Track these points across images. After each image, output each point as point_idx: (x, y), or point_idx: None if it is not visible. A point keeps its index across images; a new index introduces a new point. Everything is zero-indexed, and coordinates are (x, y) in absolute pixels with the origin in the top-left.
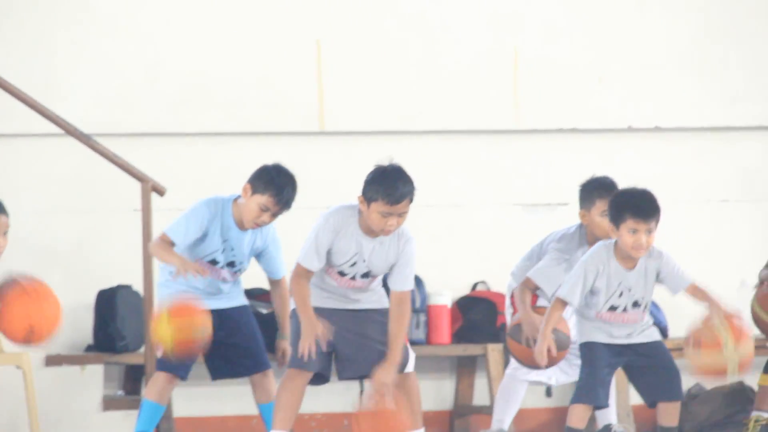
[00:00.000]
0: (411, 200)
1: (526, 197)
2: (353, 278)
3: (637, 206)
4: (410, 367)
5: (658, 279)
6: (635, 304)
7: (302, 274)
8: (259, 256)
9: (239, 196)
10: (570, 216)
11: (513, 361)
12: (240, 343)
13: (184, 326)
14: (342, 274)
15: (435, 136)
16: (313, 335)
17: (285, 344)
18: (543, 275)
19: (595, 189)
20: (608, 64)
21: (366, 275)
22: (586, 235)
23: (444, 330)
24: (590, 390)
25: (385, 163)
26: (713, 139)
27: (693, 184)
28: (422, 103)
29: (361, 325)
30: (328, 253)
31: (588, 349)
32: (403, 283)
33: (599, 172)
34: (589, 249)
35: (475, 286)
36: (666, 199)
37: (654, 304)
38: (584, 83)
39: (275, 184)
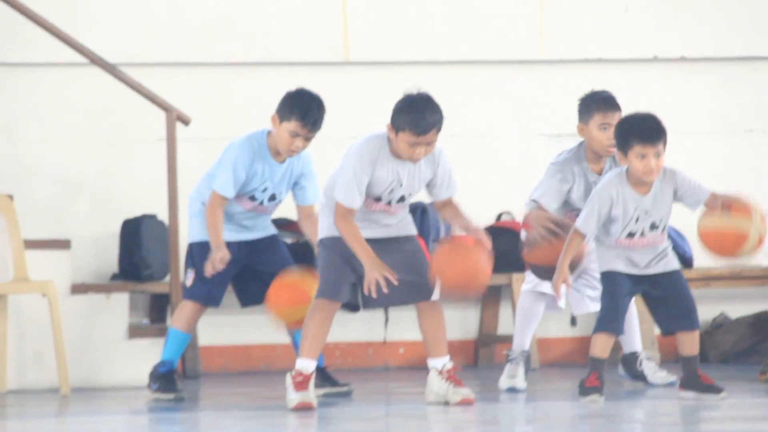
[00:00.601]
0: (439, 130)
1: (551, 127)
2: (389, 203)
3: (642, 130)
4: (436, 296)
5: (676, 198)
6: (653, 227)
7: (346, 213)
8: (294, 184)
9: (271, 129)
10: None
11: (529, 277)
12: (272, 270)
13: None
14: (378, 200)
15: (460, 66)
16: (380, 270)
17: None
18: (540, 192)
19: (593, 102)
20: None
21: (402, 199)
22: (585, 151)
23: None
24: (613, 320)
25: (414, 91)
26: (739, 68)
27: (718, 114)
28: (447, 33)
29: (389, 255)
30: (367, 185)
31: (609, 279)
32: (447, 192)
33: (624, 102)
34: (589, 165)
35: (499, 216)
36: (691, 130)
37: (679, 234)
38: (610, 13)
39: (300, 108)
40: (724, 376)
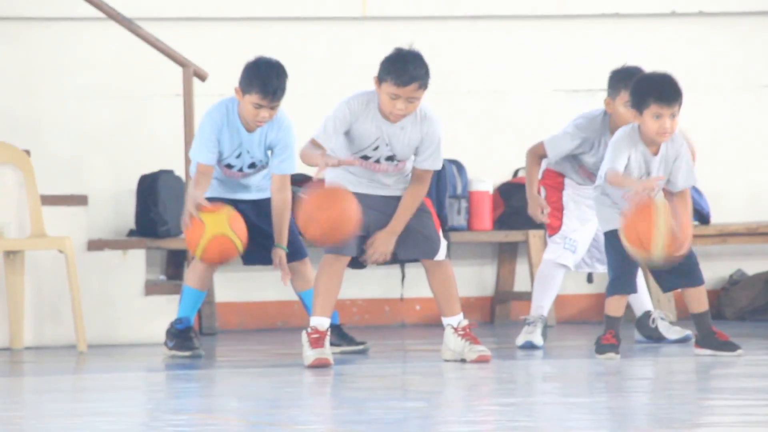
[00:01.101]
0: (422, 86)
1: (568, 83)
2: (378, 161)
3: (660, 90)
4: (442, 255)
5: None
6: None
7: (315, 145)
8: (271, 150)
9: None
10: None
11: (551, 247)
12: (269, 231)
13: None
14: (365, 158)
15: (477, 21)
16: (327, 160)
17: (280, 253)
18: (552, 143)
19: (622, 78)
20: None
21: (391, 158)
22: (609, 123)
23: (485, 216)
24: (626, 281)
25: (405, 46)
26: (758, 23)
27: (737, 69)
28: None
29: (393, 211)
30: (351, 138)
31: (615, 238)
32: (427, 163)
33: (642, 58)
34: (611, 137)
35: (516, 172)
36: (709, 85)
37: (696, 190)
38: None
39: (259, 79)
40: (741, 333)
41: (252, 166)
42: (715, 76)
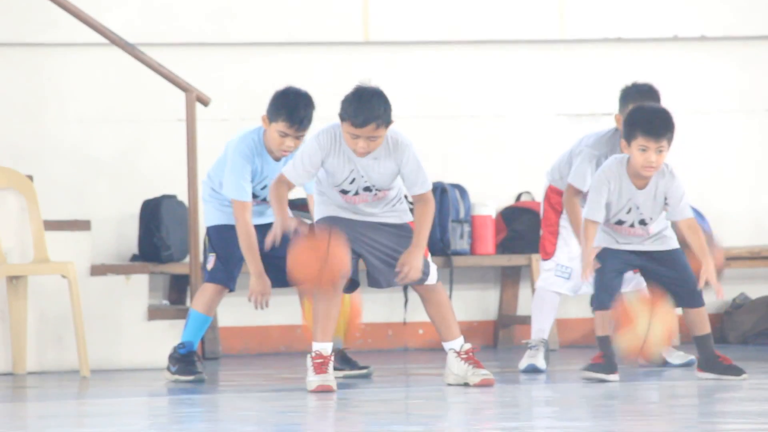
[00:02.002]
0: (380, 125)
1: (571, 107)
2: (356, 194)
3: (648, 123)
4: (433, 280)
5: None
6: (642, 222)
7: (283, 181)
8: None
9: None
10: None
11: (544, 274)
12: (283, 255)
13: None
14: (344, 192)
15: (480, 45)
16: (284, 227)
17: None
18: (579, 177)
19: (631, 94)
20: None
21: (368, 189)
22: (619, 139)
23: (488, 240)
24: (602, 296)
25: (364, 83)
26: (759, 48)
27: (740, 93)
28: (467, 13)
29: (383, 235)
30: (326, 172)
31: (598, 256)
32: (416, 188)
33: (644, 82)
34: (619, 152)
35: (519, 196)
36: (712, 109)
37: (698, 213)
38: None
39: (286, 108)
40: (744, 357)
41: None
42: (718, 100)
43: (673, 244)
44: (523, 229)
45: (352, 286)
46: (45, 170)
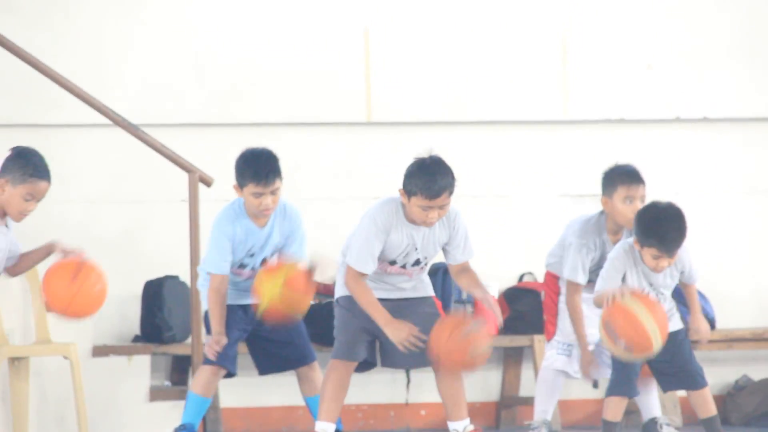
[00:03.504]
0: (451, 193)
1: (574, 188)
2: (404, 266)
3: (664, 238)
4: None
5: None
6: (659, 294)
7: (358, 276)
8: (283, 246)
9: None
10: None
11: (547, 353)
12: (283, 337)
13: (290, 300)
14: (393, 263)
15: (483, 126)
16: (401, 329)
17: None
18: (573, 271)
19: (618, 175)
20: (657, 53)
21: (417, 263)
22: (606, 222)
23: (490, 321)
24: (625, 382)
25: (425, 155)
26: (762, 130)
27: (741, 175)
28: (470, 94)
29: (403, 317)
30: (382, 250)
31: None
32: (466, 255)
33: (647, 163)
34: (609, 237)
35: (522, 277)
36: (715, 190)
37: (701, 295)
38: (633, 72)
39: (250, 169)
40: None
41: (264, 263)
42: (721, 181)
43: (679, 324)
44: (526, 310)
45: (368, 367)
46: None
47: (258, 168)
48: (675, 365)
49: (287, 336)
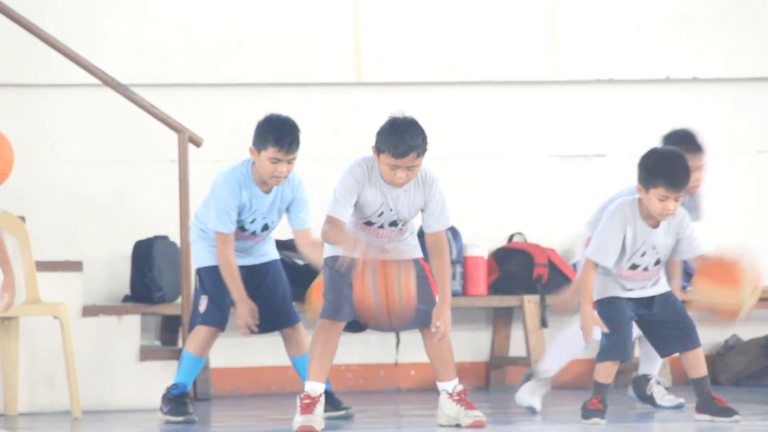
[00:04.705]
0: (420, 155)
1: (563, 148)
2: (381, 227)
3: (671, 175)
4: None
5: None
6: (657, 263)
7: (334, 222)
8: (287, 210)
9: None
10: (607, 167)
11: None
12: (266, 298)
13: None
14: (369, 223)
15: (472, 86)
16: (357, 245)
17: None
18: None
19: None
20: (646, 14)
21: (394, 223)
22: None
23: (480, 281)
24: (617, 346)
25: (399, 114)
26: (751, 89)
27: (730, 135)
28: (459, 54)
29: None
30: (357, 206)
31: (609, 305)
32: (439, 224)
33: (636, 124)
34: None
35: (511, 237)
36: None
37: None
38: (622, 33)
39: (273, 133)
40: (737, 399)
41: (265, 228)
42: (710, 141)
43: (667, 286)
44: (515, 270)
45: (357, 328)
46: (37, 211)
47: (282, 134)
48: (672, 326)
49: (271, 297)
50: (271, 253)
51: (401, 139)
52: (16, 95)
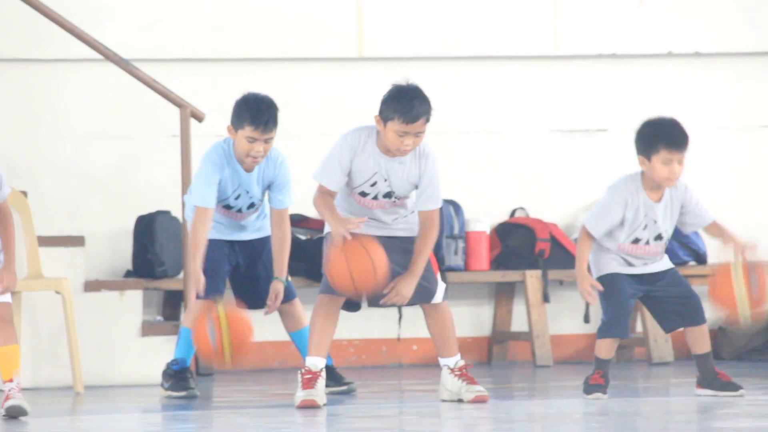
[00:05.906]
0: (427, 120)
1: (565, 123)
2: (375, 198)
3: (670, 136)
4: (438, 298)
5: (680, 212)
6: (658, 237)
7: (323, 191)
8: (269, 187)
9: None
10: (608, 142)
11: None
12: (261, 274)
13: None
14: (363, 194)
15: (474, 61)
16: (344, 227)
17: (278, 286)
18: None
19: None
20: None
21: (388, 195)
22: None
23: (482, 256)
24: (617, 323)
25: (402, 82)
26: (754, 64)
27: (732, 109)
28: (462, 29)
29: (392, 254)
30: (349, 174)
31: (609, 281)
32: (428, 203)
33: (638, 98)
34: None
35: (513, 212)
36: (705, 125)
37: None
38: (625, 8)
39: (249, 112)
40: (739, 373)
41: (251, 206)
42: (712, 116)
43: (670, 263)
44: (518, 245)
45: (354, 307)
46: (39, 186)
47: (258, 113)
48: (677, 302)
49: (265, 273)
50: (267, 229)
51: (411, 105)
52: (19, 70)
